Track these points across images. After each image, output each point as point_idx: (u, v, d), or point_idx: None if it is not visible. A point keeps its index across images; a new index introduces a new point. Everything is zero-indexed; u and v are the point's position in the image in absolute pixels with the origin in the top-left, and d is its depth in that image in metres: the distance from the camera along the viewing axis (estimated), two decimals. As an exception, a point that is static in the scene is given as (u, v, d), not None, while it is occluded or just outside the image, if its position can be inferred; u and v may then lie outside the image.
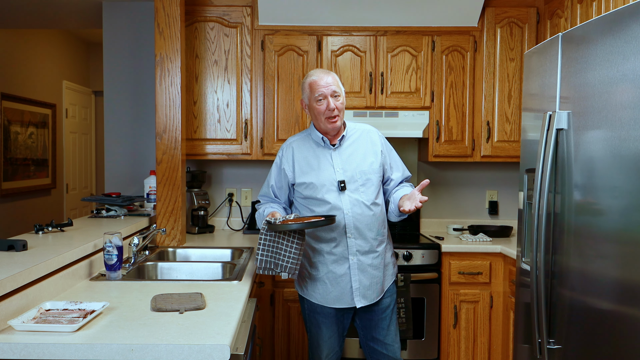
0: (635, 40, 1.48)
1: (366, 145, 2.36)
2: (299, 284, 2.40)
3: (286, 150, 2.38)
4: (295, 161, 2.34)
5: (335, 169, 2.29)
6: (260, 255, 2.18)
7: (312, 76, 2.31)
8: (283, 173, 2.37)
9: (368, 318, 2.36)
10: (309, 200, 2.31)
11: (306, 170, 2.31)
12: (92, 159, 6.52)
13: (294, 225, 2.10)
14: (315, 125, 2.35)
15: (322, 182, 2.28)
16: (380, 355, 2.36)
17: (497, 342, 3.09)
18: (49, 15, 4.01)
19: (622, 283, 1.55)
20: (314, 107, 2.28)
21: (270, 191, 2.44)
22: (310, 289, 2.33)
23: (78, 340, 1.43)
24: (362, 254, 2.27)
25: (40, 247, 2.03)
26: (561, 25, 2.91)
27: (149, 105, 3.59)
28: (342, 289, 2.28)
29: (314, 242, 2.30)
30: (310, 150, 2.35)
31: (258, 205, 2.48)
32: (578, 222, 1.77)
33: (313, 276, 2.31)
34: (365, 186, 2.29)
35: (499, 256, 3.06)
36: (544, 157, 1.90)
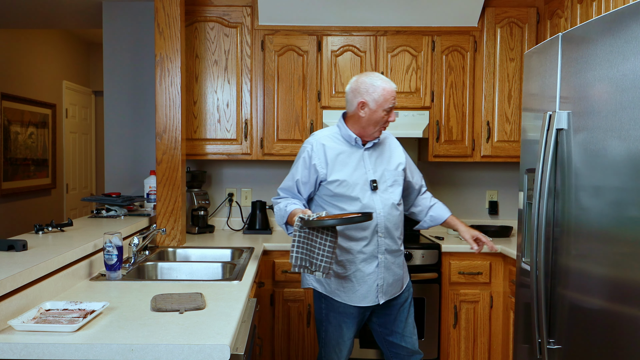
0: (635, 40, 1.48)
1: (391, 148, 2.44)
2: (319, 282, 2.37)
3: (316, 146, 2.33)
4: (328, 158, 2.32)
5: (366, 169, 2.34)
6: (295, 253, 2.15)
7: (385, 83, 2.27)
8: (313, 169, 2.33)
9: (387, 314, 2.41)
10: (339, 198, 2.31)
11: (339, 168, 2.31)
12: (92, 159, 6.52)
13: (332, 222, 2.07)
14: (356, 126, 2.33)
15: (355, 180, 2.31)
16: (399, 348, 2.42)
17: (497, 342, 3.09)
18: (49, 15, 4.01)
19: (622, 283, 1.55)
20: (377, 114, 2.26)
21: (294, 185, 2.38)
22: (335, 287, 2.33)
23: (78, 340, 1.43)
24: (390, 252, 2.34)
25: (40, 247, 2.03)
26: (561, 25, 2.91)
27: (149, 105, 3.59)
28: (369, 287, 2.31)
29: (343, 241, 2.30)
30: (341, 148, 2.35)
31: (277, 199, 2.42)
32: (578, 222, 1.77)
33: (339, 274, 2.31)
34: (393, 187, 2.37)
35: (499, 256, 3.06)
36: (544, 157, 1.90)
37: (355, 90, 2.30)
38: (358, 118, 2.30)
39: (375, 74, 2.33)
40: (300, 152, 2.39)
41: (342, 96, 3.27)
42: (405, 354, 2.43)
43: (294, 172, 2.40)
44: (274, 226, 3.65)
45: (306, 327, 3.07)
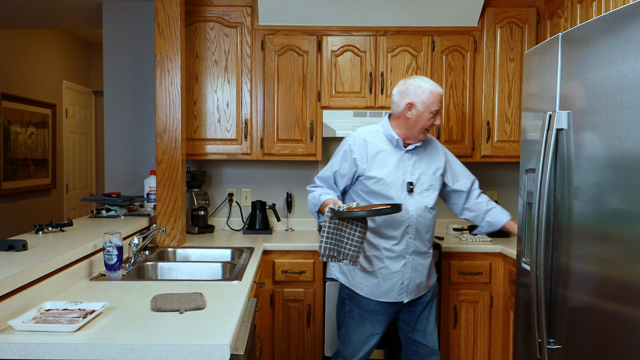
0: (635, 40, 1.48)
1: (432, 153, 2.49)
2: (343, 274, 2.43)
3: (359, 141, 2.39)
4: (369, 154, 2.37)
5: (405, 171, 2.38)
6: (324, 243, 2.18)
7: (433, 86, 2.34)
8: (353, 162, 2.38)
9: (412, 311, 2.48)
10: (374, 195, 2.36)
11: (379, 166, 2.36)
12: (92, 159, 6.52)
13: (361, 213, 2.11)
14: (402, 128, 2.38)
15: (392, 180, 2.35)
16: (420, 347, 2.49)
17: (497, 342, 3.09)
18: (49, 15, 4.01)
19: (622, 283, 1.55)
20: (424, 116, 2.33)
21: (332, 176, 2.44)
22: (359, 280, 2.38)
23: (78, 340, 1.43)
24: (418, 254, 2.39)
25: (40, 247, 2.03)
26: (561, 25, 2.91)
27: (149, 105, 3.59)
28: (393, 284, 2.37)
29: (373, 237, 2.35)
30: (382, 147, 2.39)
31: (312, 187, 2.49)
32: (578, 222, 1.77)
33: (365, 269, 2.37)
34: (429, 191, 2.41)
35: (499, 256, 3.06)
36: (544, 157, 1.90)
37: (403, 92, 2.35)
38: (405, 119, 2.36)
39: (423, 77, 2.39)
40: (342, 145, 2.44)
41: (341, 96, 3.28)
42: (425, 352, 2.50)
43: (333, 163, 2.44)
44: (273, 226, 3.65)
45: (306, 327, 3.07)
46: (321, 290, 3.06)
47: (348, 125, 3.26)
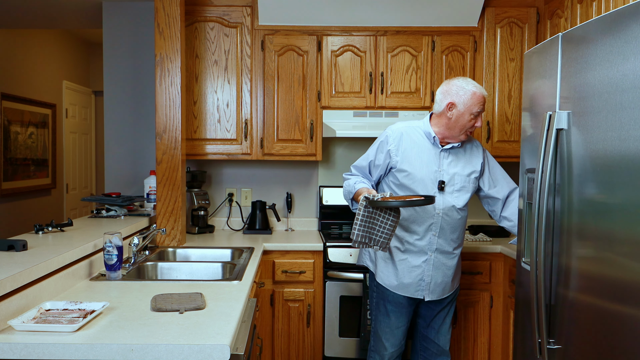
0: (635, 40, 1.48)
1: (471, 155, 2.52)
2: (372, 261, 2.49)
3: (395, 133, 2.44)
4: (403, 147, 2.41)
5: (439, 168, 2.42)
6: (357, 230, 2.23)
7: (476, 88, 2.36)
8: (387, 154, 2.43)
9: (432, 308, 2.52)
10: (403, 188, 2.41)
11: (411, 160, 2.40)
12: (92, 159, 6.52)
13: (395, 203, 2.17)
14: (441, 127, 2.41)
15: (422, 176, 2.39)
16: (431, 344, 2.55)
17: (497, 342, 3.09)
18: (49, 15, 4.02)
19: (622, 283, 1.55)
20: (464, 117, 2.35)
21: (367, 166, 2.50)
22: (381, 269, 2.45)
23: (78, 340, 1.43)
24: (441, 252, 2.42)
25: (40, 247, 2.03)
26: (561, 25, 2.91)
27: (149, 105, 3.60)
28: (412, 279, 2.41)
29: (397, 230, 2.39)
30: (418, 142, 2.44)
31: (348, 175, 2.56)
32: (578, 222, 1.77)
33: (387, 258, 2.43)
34: (460, 192, 2.44)
35: (499, 256, 3.06)
36: (544, 157, 1.90)
37: (446, 92, 2.40)
38: (445, 119, 2.40)
39: (467, 79, 2.42)
40: (380, 136, 2.49)
41: (341, 96, 3.28)
42: (435, 350, 2.55)
43: (369, 153, 2.50)
44: (273, 226, 3.65)
45: (306, 327, 3.07)
46: (321, 290, 3.06)
47: (348, 125, 3.26)
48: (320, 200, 3.59)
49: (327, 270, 3.05)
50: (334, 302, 3.04)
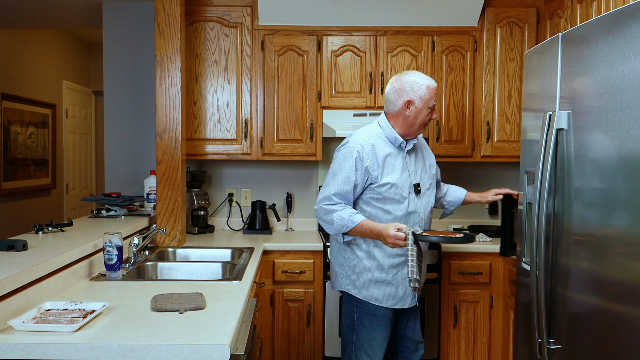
0: (635, 40, 1.48)
1: (423, 149, 2.48)
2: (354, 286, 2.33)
3: (367, 147, 2.27)
4: (378, 159, 2.27)
5: (409, 172, 2.35)
6: (415, 268, 2.06)
7: (428, 81, 2.29)
8: (366, 171, 2.26)
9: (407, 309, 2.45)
10: (387, 201, 2.29)
11: (388, 171, 2.29)
12: (92, 159, 6.52)
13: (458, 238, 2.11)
14: (401, 127, 2.32)
15: (403, 183, 2.31)
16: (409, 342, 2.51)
17: (497, 342, 3.09)
18: (49, 15, 4.02)
19: (622, 283, 1.55)
20: (422, 112, 2.29)
21: (352, 190, 2.27)
22: (373, 291, 2.31)
23: (78, 340, 1.43)
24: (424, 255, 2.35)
25: (40, 247, 2.03)
26: (561, 25, 2.91)
27: (149, 105, 3.59)
28: (407, 289, 2.32)
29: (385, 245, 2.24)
30: (388, 150, 2.32)
31: (331, 205, 2.26)
32: (578, 222, 1.77)
33: (379, 278, 2.30)
34: (430, 189, 2.42)
35: (499, 256, 3.06)
36: (544, 157, 1.90)
37: (399, 90, 2.30)
38: (403, 118, 2.31)
39: (416, 72, 2.33)
40: (347, 153, 2.28)
41: (341, 96, 3.28)
42: (413, 346, 2.51)
43: (348, 175, 2.26)
44: (273, 226, 3.65)
45: (306, 327, 3.07)
46: (321, 290, 3.06)
47: (348, 125, 3.26)
48: (320, 200, 3.58)
49: (327, 270, 3.05)
50: (334, 302, 3.04)
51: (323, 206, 2.28)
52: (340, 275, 2.39)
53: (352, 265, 2.34)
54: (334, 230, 2.28)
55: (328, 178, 2.33)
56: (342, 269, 2.38)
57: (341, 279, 2.39)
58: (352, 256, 2.34)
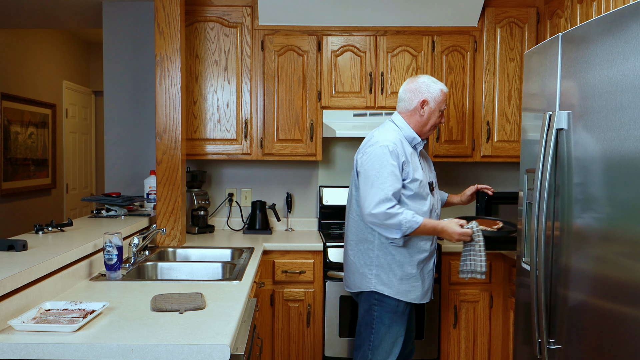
0: (635, 40, 1.48)
1: (424, 151, 2.59)
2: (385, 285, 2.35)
3: (399, 145, 2.32)
4: (407, 157, 2.34)
5: (424, 171, 2.44)
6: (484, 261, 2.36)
7: (442, 85, 2.42)
8: (403, 168, 2.31)
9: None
10: (416, 198, 2.36)
11: (415, 168, 2.37)
12: (92, 159, 6.52)
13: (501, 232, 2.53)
14: (414, 127, 2.41)
15: (425, 181, 2.41)
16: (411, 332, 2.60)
17: (497, 342, 3.09)
18: (49, 15, 4.01)
19: (622, 283, 1.55)
20: (435, 113, 2.40)
21: (401, 188, 2.30)
22: (404, 288, 2.36)
23: (78, 340, 1.43)
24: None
25: (40, 247, 2.03)
26: (561, 25, 2.91)
27: (149, 105, 3.60)
28: (429, 283, 2.44)
29: (421, 242, 2.38)
30: (409, 148, 2.40)
31: (394, 208, 2.24)
32: (578, 222, 1.77)
33: (410, 274, 2.36)
34: (436, 187, 2.54)
35: (499, 256, 3.06)
36: (544, 157, 1.90)
37: (415, 90, 2.39)
38: (418, 117, 2.40)
39: (430, 76, 2.45)
40: (382, 152, 2.29)
41: (341, 96, 3.28)
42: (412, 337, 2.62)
43: (393, 172, 2.26)
44: (273, 226, 3.65)
45: (306, 327, 3.07)
46: (321, 290, 3.06)
47: (348, 125, 3.26)
48: (320, 200, 3.59)
49: (327, 270, 3.05)
50: (334, 302, 3.04)
51: (387, 211, 2.23)
52: (369, 276, 2.38)
53: (383, 264, 2.36)
54: (399, 234, 2.27)
55: (370, 180, 2.28)
56: (370, 269, 2.38)
57: (369, 279, 2.38)
58: (382, 255, 2.36)
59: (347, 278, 2.51)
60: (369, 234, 2.37)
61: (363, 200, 2.28)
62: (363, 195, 2.29)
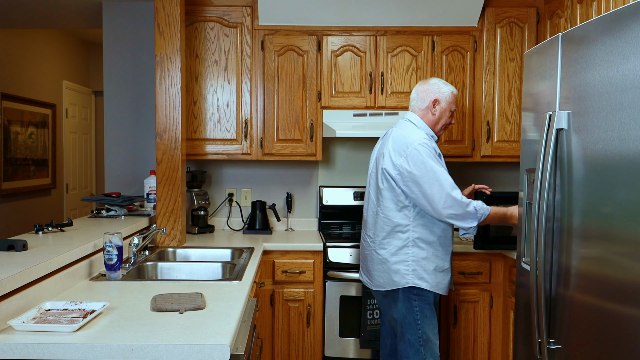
0: (635, 40, 1.48)
1: None
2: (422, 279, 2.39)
3: (432, 143, 2.43)
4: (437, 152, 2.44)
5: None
6: None
7: (452, 87, 2.52)
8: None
9: None
10: None
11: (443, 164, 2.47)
12: (92, 159, 6.52)
13: None
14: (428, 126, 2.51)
15: None
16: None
17: (497, 342, 3.09)
18: (49, 15, 4.02)
19: (622, 283, 1.55)
20: (445, 113, 2.51)
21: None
22: (439, 280, 2.43)
23: (78, 340, 1.43)
24: None
25: (40, 247, 2.03)
26: (561, 25, 2.91)
27: (149, 105, 3.60)
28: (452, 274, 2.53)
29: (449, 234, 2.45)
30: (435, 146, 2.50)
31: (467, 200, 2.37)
32: (578, 222, 1.77)
33: (441, 267, 2.43)
34: None
35: (499, 256, 3.06)
36: (544, 157, 1.90)
37: (427, 90, 2.50)
38: (430, 116, 2.50)
39: (438, 78, 2.58)
40: (426, 151, 2.36)
41: (341, 96, 3.28)
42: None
43: (442, 165, 2.39)
44: (273, 226, 3.65)
45: (306, 327, 3.07)
46: (321, 290, 3.06)
47: (348, 125, 3.26)
48: (320, 200, 3.59)
49: (327, 270, 3.05)
50: (334, 302, 3.04)
51: (461, 200, 2.35)
52: (406, 272, 2.41)
53: (418, 259, 2.39)
54: (475, 222, 2.39)
55: (429, 179, 2.33)
56: (406, 265, 2.40)
57: (407, 275, 2.40)
58: (417, 250, 2.40)
59: (377, 277, 2.49)
60: (403, 230, 2.40)
61: (431, 199, 2.33)
62: (429, 194, 2.33)
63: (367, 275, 2.57)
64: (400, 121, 2.56)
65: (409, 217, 2.40)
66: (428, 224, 2.40)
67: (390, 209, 2.43)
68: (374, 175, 2.54)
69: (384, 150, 2.47)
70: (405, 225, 2.40)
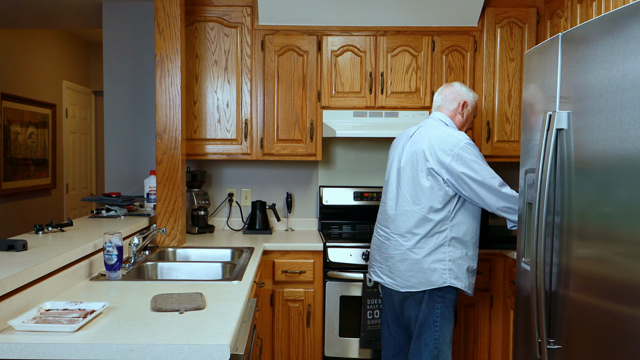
0: (635, 40, 1.48)
1: None
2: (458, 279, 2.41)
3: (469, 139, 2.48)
4: None
5: None
6: None
7: (476, 94, 2.62)
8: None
9: None
10: None
11: None
12: (92, 159, 6.52)
13: None
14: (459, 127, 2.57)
15: None
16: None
17: (497, 342, 3.09)
18: (49, 15, 4.02)
19: (622, 283, 1.55)
20: (470, 118, 2.60)
21: None
22: (470, 281, 2.47)
23: (78, 340, 1.43)
24: None
25: (40, 247, 2.03)
26: (561, 25, 2.91)
27: (149, 105, 3.60)
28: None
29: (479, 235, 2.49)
30: None
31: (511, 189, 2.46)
32: (578, 222, 1.77)
33: (472, 267, 2.47)
34: None
35: (499, 256, 3.06)
36: (544, 157, 1.90)
37: (455, 92, 2.56)
38: (459, 117, 2.55)
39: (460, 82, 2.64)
40: (472, 150, 2.41)
41: (341, 96, 3.28)
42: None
43: (487, 166, 2.43)
44: (273, 226, 3.66)
45: (306, 327, 3.07)
46: (321, 290, 3.06)
47: (348, 125, 3.26)
48: (320, 200, 3.59)
49: (327, 270, 3.05)
50: (334, 302, 3.04)
51: (512, 194, 2.41)
52: (443, 271, 2.41)
53: (454, 259, 2.41)
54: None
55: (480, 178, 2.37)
56: (443, 264, 2.41)
57: (444, 274, 2.40)
58: (452, 249, 2.42)
59: (408, 278, 2.43)
60: (440, 230, 2.41)
61: (485, 197, 2.39)
62: (483, 194, 2.39)
63: (388, 276, 2.49)
64: (430, 121, 2.54)
65: (448, 216, 2.41)
66: (463, 223, 2.43)
67: (431, 207, 2.40)
68: (408, 174, 2.46)
69: (423, 148, 2.42)
70: (443, 224, 2.41)
